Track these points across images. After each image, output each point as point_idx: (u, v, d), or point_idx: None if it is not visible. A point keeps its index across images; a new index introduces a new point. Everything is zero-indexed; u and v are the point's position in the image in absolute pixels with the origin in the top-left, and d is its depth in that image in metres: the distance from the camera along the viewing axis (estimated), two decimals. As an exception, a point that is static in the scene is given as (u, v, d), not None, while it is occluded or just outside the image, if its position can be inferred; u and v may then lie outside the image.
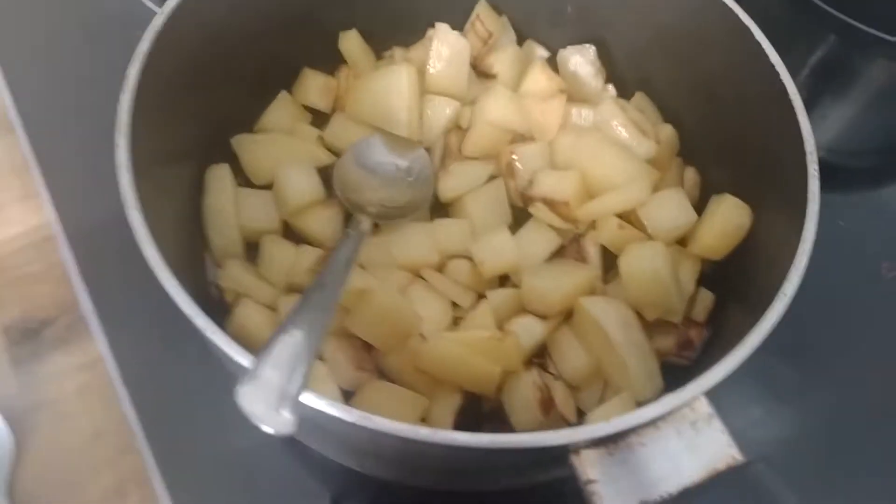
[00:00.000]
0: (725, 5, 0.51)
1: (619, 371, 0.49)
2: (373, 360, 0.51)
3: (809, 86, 0.72)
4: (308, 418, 0.34)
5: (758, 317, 0.42)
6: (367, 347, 0.51)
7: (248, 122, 0.60)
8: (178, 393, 0.54)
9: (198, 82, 0.52)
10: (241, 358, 0.35)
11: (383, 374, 0.51)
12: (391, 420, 0.33)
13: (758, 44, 0.49)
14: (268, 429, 0.32)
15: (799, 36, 0.78)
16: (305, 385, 0.34)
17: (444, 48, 0.59)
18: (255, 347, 0.49)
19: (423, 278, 0.54)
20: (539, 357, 0.52)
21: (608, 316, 0.49)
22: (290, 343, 0.36)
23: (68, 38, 0.72)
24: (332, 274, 0.43)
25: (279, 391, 0.33)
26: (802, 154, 0.45)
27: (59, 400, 0.54)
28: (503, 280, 0.56)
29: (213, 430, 0.52)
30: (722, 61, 0.54)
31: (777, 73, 0.47)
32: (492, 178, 0.59)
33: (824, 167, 0.46)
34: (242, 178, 0.58)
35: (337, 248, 0.47)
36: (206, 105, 0.54)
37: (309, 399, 0.34)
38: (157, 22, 0.46)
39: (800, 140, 0.46)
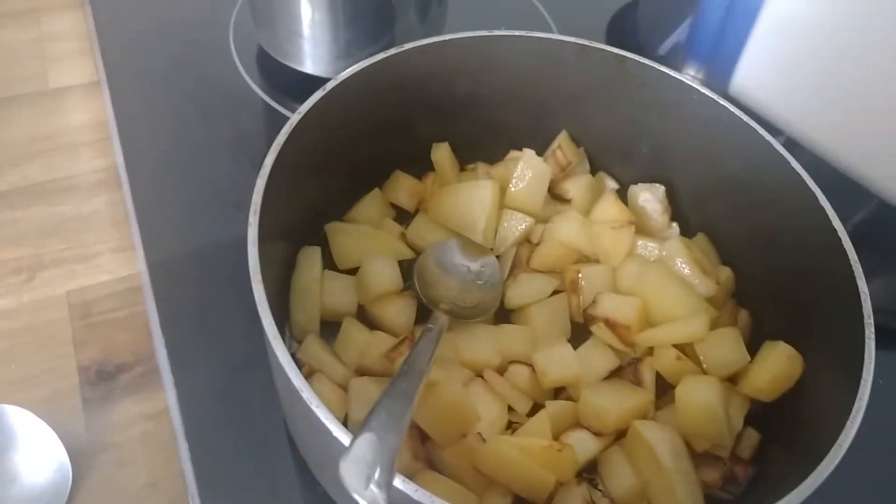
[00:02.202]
0: (793, 168, 0.56)
1: (666, 497, 0.51)
2: (426, 452, 0.53)
3: (858, 238, 0.76)
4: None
5: (803, 471, 0.44)
6: (423, 439, 0.53)
7: (340, 210, 0.65)
8: (237, 457, 0.55)
9: (307, 172, 0.57)
10: (340, 434, 0.38)
11: (434, 467, 0.53)
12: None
13: (822, 209, 0.53)
14: (362, 502, 0.34)
15: (851, 192, 0.83)
16: (395, 465, 0.36)
17: (528, 171, 0.64)
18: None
19: (484, 378, 0.57)
20: (588, 472, 0.54)
21: (661, 442, 0.51)
22: (381, 427, 0.38)
23: (181, 110, 0.79)
24: (415, 363, 0.46)
25: (372, 469, 0.36)
26: (859, 316, 0.49)
27: (122, 445, 0.56)
28: (557, 391, 0.58)
29: (265, 497, 0.54)
30: (783, 216, 0.59)
31: (839, 239, 0.52)
32: (556, 292, 0.63)
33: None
34: (328, 262, 0.62)
35: (419, 339, 0.50)
36: (309, 192, 0.59)
37: (400, 482, 0.36)
38: (294, 119, 0.52)
39: (858, 303, 0.49)
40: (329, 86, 0.56)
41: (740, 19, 0.28)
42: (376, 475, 0.36)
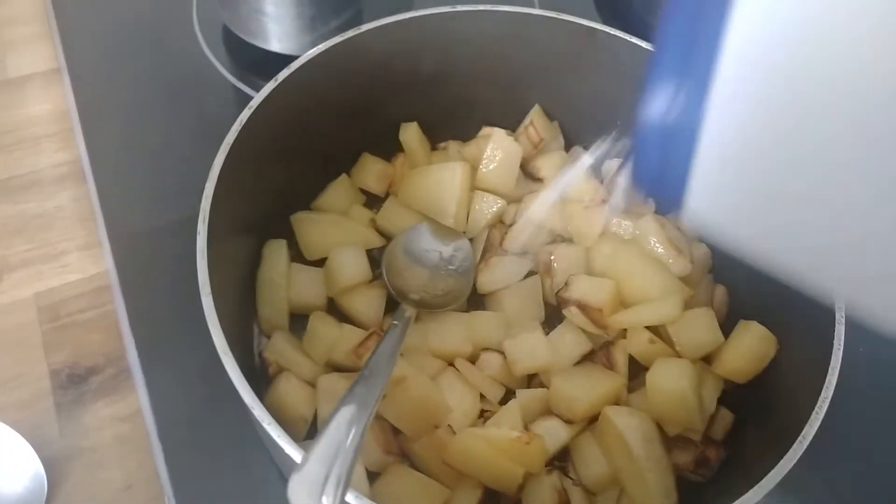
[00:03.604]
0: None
1: (637, 484, 0.51)
2: (398, 445, 0.53)
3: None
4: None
5: (776, 452, 0.44)
6: (395, 431, 0.53)
7: (307, 199, 0.64)
8: (211, 455, 0.55)
9: (267, 164, 0.56)
10: (293, 451, 0.37)
11: (407, 459, 0.53)
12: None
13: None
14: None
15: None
16: (349, 482, 0.36)
17: (498, 151, 0.62)
18: (292, 421, 0.52)
19: (456, 367, 0.57)
20: (560, 460, 0.54)
21: (632, 429, 0.51)
22: (336, 440, 0.38)
23: (145, 96, 0.76)
24: (376, 366, 0.46)
25: (324, 486, 0.35)
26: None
27: (96, 448, 0.56)
28: (531, 377, 0.58)
29: (241, 498, 0.54)
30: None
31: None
32: (530, 273, 0.62)
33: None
34: (296, 253, 0.61)
35: (382, 339, 0.49)
36: (271, 183, 0.58)
37: (353, 498, 0.36)
38: (244, 115, 0.50)
39: (830, 285, 0.48)
40: (281, 76, 0.54)
41: (681, 146, 0.26)
42: (328, 492, 0.35)
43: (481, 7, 0.61)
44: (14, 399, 0.57)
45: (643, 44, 0.59)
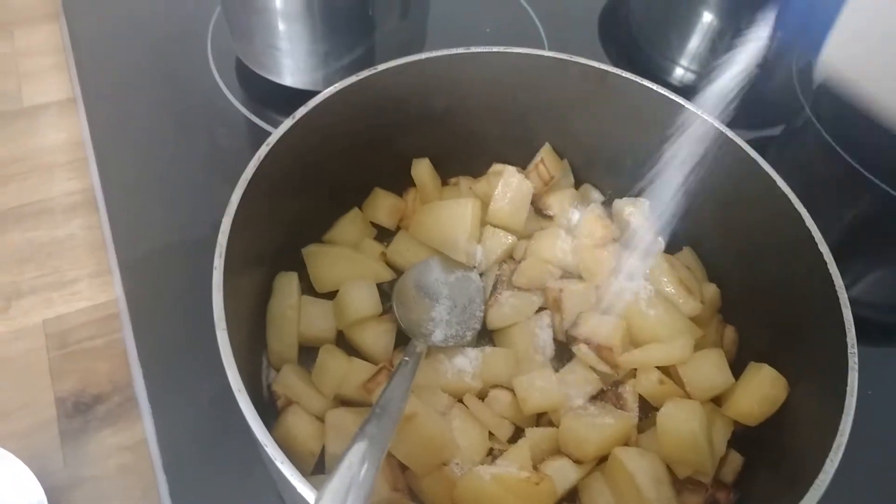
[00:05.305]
0: (780, 188, 0.55)
1: (647, 527, 0.50)
2: (405, 481, 0.53)
3: (844, 237, 0.75)
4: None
5: (787, 497, 0.44)
6: (403, 468, 0.53)
7: (318, 232, 0.64)
8: (216, 487, 0.55)
9: (281, 198, 0.56)
10: (305, 490, 0.37)
11: (415, 497, 0.53)
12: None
13: (808, 230, 0.52)
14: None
15: (837, 194, 0.81)
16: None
17: (509, 188, 0.63)
18: (300, 455, 0.52)
19: (464, 404, 0.56)
20: (569, 500, 0.53)
21: (642, 471, 0.50)
22: (348, 479, 0.38)
23: (159, 127, 0.77)
24: (388, 404, 0.45)
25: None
26: (843, 344, 0.47)
27: (101, 478, 0.55)
28: (540, 415, 0.58)
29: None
30: (769, 234, 0.57)
31: (825, 263, 0.50)
32: (540, 309, 0.62)
33: (855, 319, 0.48)
34: (307, 285, 0.61)
35: (393, 375, 0.49)
36: (284, 216, 0.58)
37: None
38: (262, 152, 0.50)
39: (842, 329, 0.48)
40: (298, 113, 0.54)
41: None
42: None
43: (494, 49, 0.62)
44: (19, 426, 0.57)
45: (652, 85, 0.61)
